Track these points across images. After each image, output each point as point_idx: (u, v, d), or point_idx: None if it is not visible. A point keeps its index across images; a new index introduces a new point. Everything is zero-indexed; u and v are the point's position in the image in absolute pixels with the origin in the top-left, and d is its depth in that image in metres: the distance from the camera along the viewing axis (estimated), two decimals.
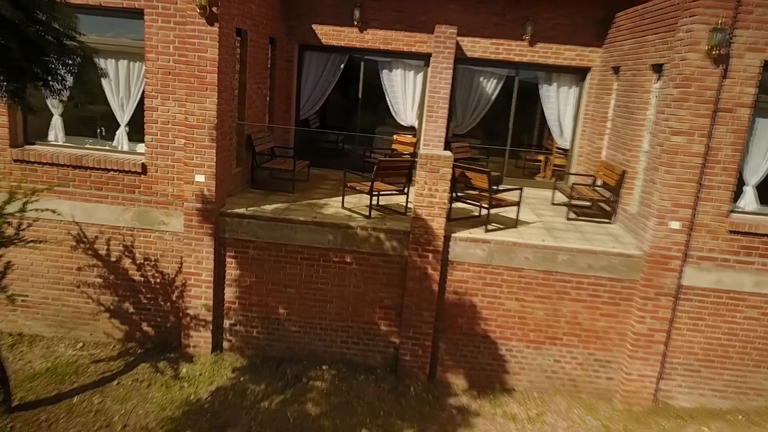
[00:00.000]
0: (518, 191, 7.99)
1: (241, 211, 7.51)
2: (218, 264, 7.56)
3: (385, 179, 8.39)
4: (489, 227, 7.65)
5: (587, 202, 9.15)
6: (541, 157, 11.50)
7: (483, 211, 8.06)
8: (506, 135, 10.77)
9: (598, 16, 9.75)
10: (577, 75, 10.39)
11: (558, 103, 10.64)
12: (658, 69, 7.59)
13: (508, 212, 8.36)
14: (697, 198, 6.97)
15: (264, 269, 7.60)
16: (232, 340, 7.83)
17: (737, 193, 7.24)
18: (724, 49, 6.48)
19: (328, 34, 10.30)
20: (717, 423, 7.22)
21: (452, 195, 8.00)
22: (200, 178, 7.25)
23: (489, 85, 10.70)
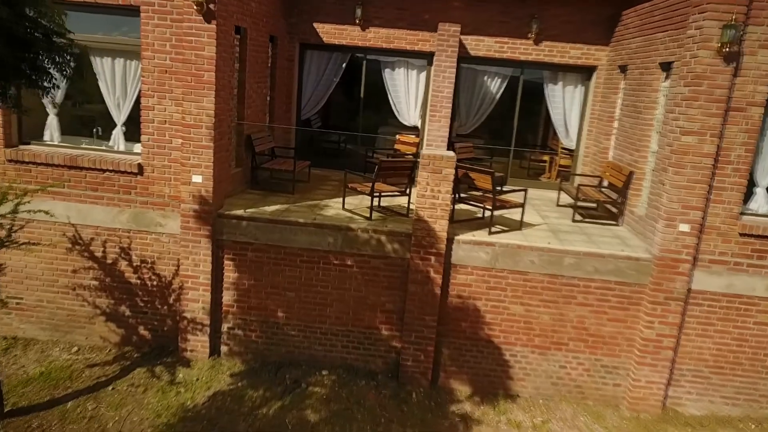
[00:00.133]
0: (523, 192, 7.80)
1: (240, 213, 7.35)
2: (216, 267, 7.40)
3: (387, 180, 8.23)
4: (493, 229, 7.47)
5: (593, 204, 8.97)
6: (546, 158, 11.31)
7: (487, 213, 7.88)
8: (510, 135, 10.58)
9: (605, 14, 9.55)
10: (583, 74, 10.20)
11: (563, 103, 10.45)
12: (667, 67, 7.40)
13: (513, 214, 8.18)
14: (708, 200, 6.78)
15: (263, 272, 7.43)
16: (231, 345, 7.67)
17: (748, 195, 7.05)
18: (736, 47, 6.29)
19: (330, 33, 10.14)
20: (727, 431, 7.03)
21: (455, 196, 7.83)
22: (197, 179, 7.09)
23: (493, 85, 10.52)
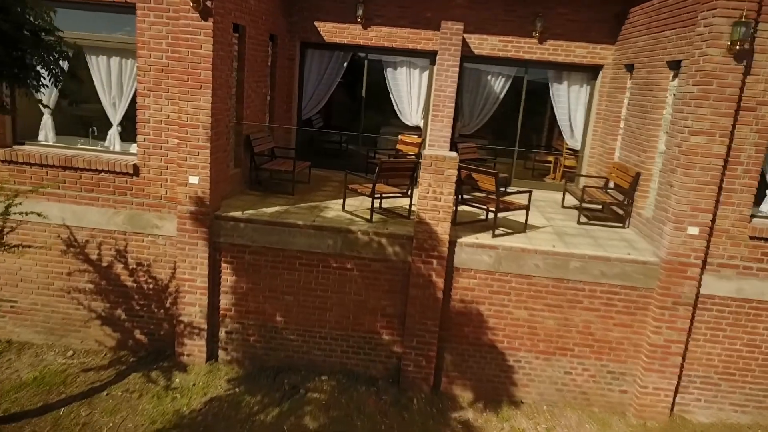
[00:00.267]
0: (527, 194, 7.62)
1: (237, 215, 7.19)
2: (213, 270, 7.25)
3: (388, 181, 8.08)
4: (496, 232, 7.29)
5: (599, 206, 8.79)
6: (551, 158, 11.13)
7: (490, 215, 7.72)
8: (515, 135, 10.40)
9: (611, 12, 9.37)
10: (589, 73, 10.01)
11: (569, 103, 10.27)
12: (676, 66, 7.22)
13: (517, 216, 8.00)
14: (717, 202, 6.59)
15: (261, 275, 7.28)
16: (228, 349, 7.52)
17: (759, 197, 6.85)
18: (747, 44, 6.09)
19: (331, 31, 9.98)
20: None
21: (458, 198, 7.66)
22: (194, 180, 6.94)
23: (497, 84, 10.35)
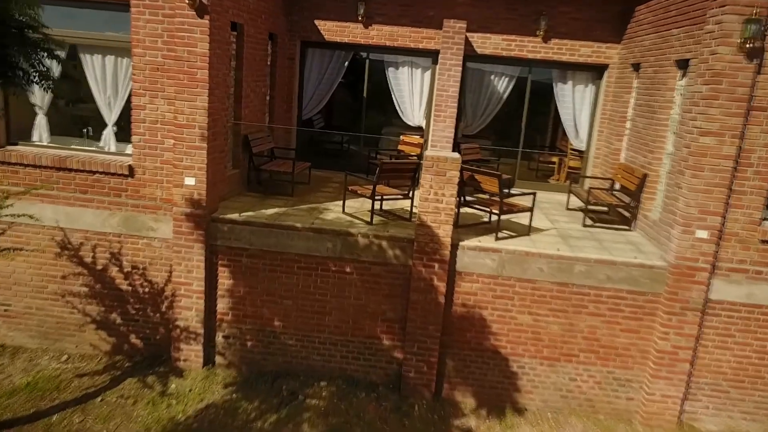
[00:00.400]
0: (531, 196, 7.44)
1: (234, 217, 7.04)
2: (210, 273, 7.09)
3: (389, 183, 7.91)
4: (500, 235, 7.12)
5: (604, 208, 8.62)
6: (555, 159, 10.95)
7: (493, 218, 7.55)
8: (518, 136, 10.23)
9: (616, 10, 9.19)
10: (594, 72, 9.84)
11: (573, 103, 10.09)
12: (684, 65, 7.04)
13: (521, 218, 7.83)
14: (727, 204, 6.41)
15: (258, 279, 7.12)
16: (225, 354, 7.36)
17: None
18: (759, 42, 5.90)
19: (332, 30, 9.82)
20: None
21: (460, 200, 7.49)
22: (190, 181, 6.79)
23: (500, 83, 10.17)
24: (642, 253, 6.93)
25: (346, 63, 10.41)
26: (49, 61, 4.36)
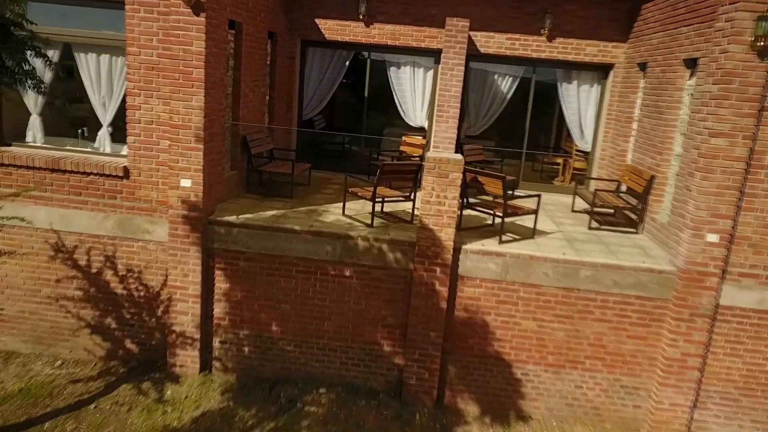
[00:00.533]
0: (536, 198, 7.25)
1: (231, 219, 6.87)
2: (206, 277, 6.93)
3: (390, 184, 7.74)
4: (503, 238, 6.94)
5: (611, 210, 8.43)
6: (560, 160, 10.76)
7: (497, 220, 7.36)
8: (522, 136, 10.04)
9: (623, 8, 9.00)
10: (600, 72, 9.65)
11: (578, 103, 9.90)
12: (693, 64, 6.85)
13: (525, 221, 7.65)
14: (738, 207, 6.21)
15: (256, 283, 6.95)
16: (222, 360, 7.20)
17: None
18: None
19: (332, 29, 9.66)
20: None
21: (463, 202, 7.31)
22: (186, 183, 6.62)
23: (504, 83, 9.99)
24: (650, 257, 6.74)
25: (347, 62, 10.25)
26: (36, 60, 4.19)
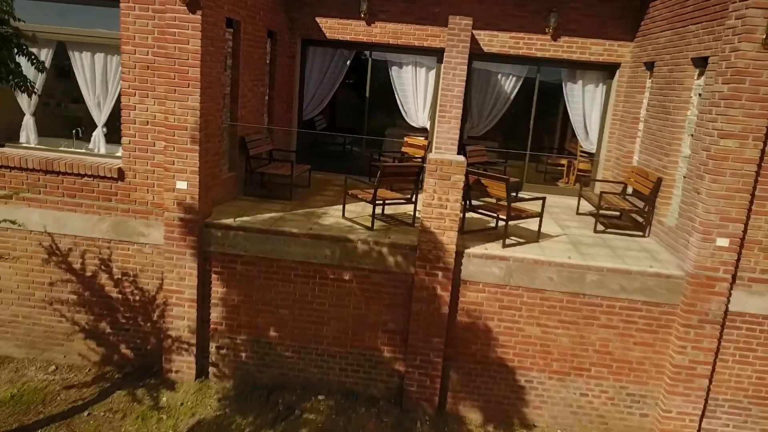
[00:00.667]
0: (540, 200, 7.08)
1: (228, 222, 6.72)
2: (202, 281, 6.78)
3: (391, 186, 7.58)
4: (507, 242, 6.76)
5: (617, 213, 8.25)
6: (564, 162, 10.57)
7: (501, 223, 7.19)
8: (526, 137, 9.87)
9: (629, 6, 8.83)
10: (605, 72, 9.47)
11: (583, 103, 9.72)
12: (702, 63, 6.67)
13: (529, 224, 7.47)
14: (749, 211, 6.03)
15: (253, 287, 6.80)
16: (219, 366, 7.04)
17: None
18: None
19: (333, 28, 9.50)
20: None
21: (465, 205, 7.14)
22: (182, 185, 6.47)
23: (508, 83, 9.82)
24: (657, 262, 6.56)
25: (349, 62, 10.10)
26: (23, 58, 4.05)
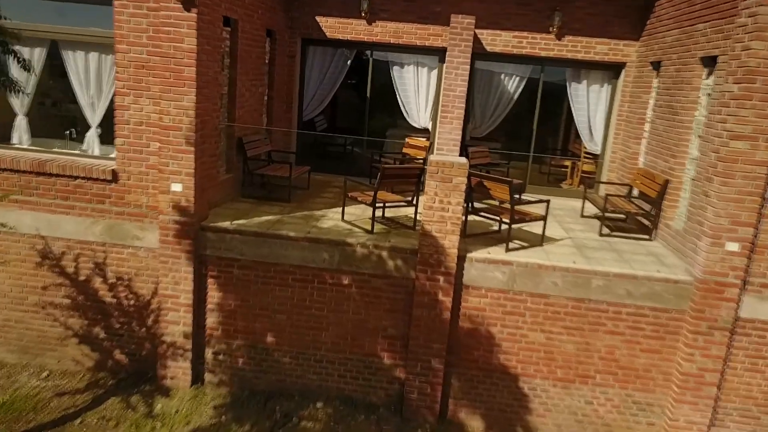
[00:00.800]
0: (544, 203, 6.90)
1: (225, 225, 6.57)
2: (198, 285, 6.62)
3: (391, 188, 7.42)
4: (510, 245, 6.59)
5: (622, 215, 8.07)
6: (568, 163, 10.41)
7: (504, 226, 7.03)
8: (530, 138, 9.70)
9: (635, 5, 8.65)
10: (610, 71, 9.29)
11: (588, 103, 9.55)
12: (711, 62, 6.50)
13: (533, 227, 7.30)
14: (760, 214, 5.85)
15: (250, 291, 6.64)
16: (215, 372, 6.89)
17: None
18: None
19: (334, 27, 9.35)
20: None
21: (468, 207, 6.98)
22: (177, 187, 6.32)
23: (511, 83, 9.65)
24: (665, 266, 6.39)
25: (349, 62, 9.95)
26: (6, 57, 3.90)
